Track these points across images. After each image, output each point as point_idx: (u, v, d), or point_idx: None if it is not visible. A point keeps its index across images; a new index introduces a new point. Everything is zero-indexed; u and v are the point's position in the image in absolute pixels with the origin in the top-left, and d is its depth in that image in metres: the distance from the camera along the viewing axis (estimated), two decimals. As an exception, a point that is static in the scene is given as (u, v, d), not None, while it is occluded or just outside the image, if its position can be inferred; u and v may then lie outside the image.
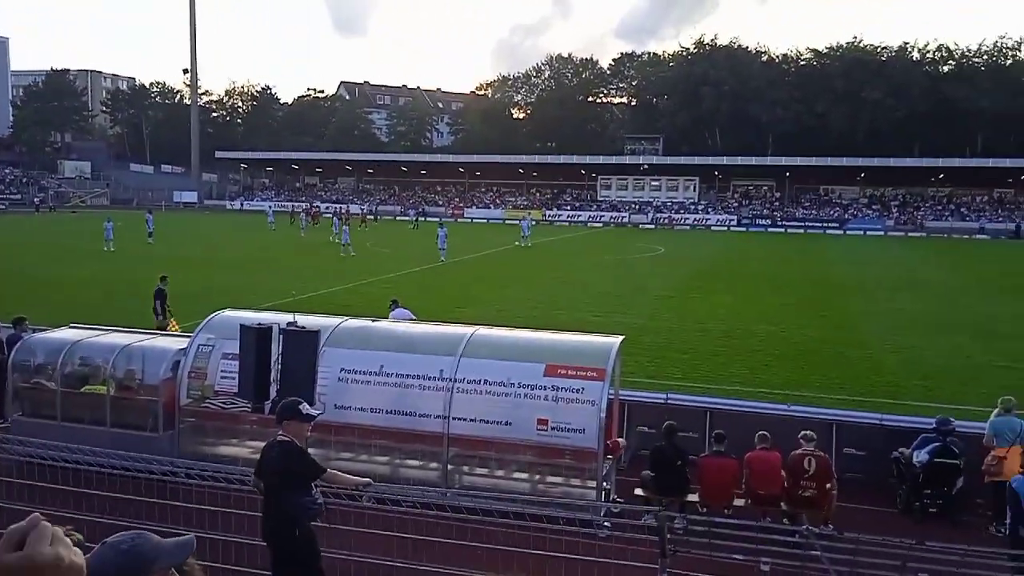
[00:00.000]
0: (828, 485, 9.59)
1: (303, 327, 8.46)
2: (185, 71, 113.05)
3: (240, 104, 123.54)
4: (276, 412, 6.81)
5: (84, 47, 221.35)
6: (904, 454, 10.73)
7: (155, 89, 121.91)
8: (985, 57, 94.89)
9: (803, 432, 9.90)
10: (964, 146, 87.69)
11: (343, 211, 65.53)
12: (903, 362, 18.81)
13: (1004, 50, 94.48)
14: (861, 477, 11.23)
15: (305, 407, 6.70)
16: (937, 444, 10.39)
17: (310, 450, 9.46)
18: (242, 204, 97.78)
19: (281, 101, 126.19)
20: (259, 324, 8.42)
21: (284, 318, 9.28)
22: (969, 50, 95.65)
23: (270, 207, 77.33)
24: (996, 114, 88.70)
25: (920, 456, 10.42)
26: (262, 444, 7.03)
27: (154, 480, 8.57)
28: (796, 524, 9.54)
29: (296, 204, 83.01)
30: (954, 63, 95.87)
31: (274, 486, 6.50)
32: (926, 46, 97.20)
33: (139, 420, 11.10)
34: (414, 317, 15.92)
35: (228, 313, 11.70)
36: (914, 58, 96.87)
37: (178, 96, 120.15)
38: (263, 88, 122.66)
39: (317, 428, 9.34)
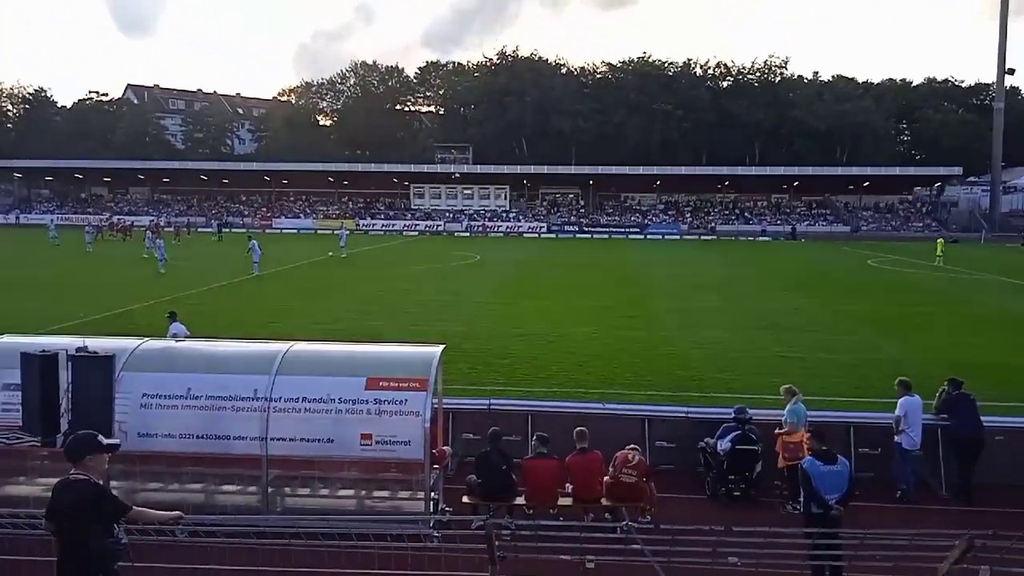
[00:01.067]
0: (646, 479, 10.08)
1: (95, 352, 7.70)
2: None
3: (11, 107, 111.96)
4: (68, 448, 6.11)
5: None
6: (709, 443, 11.48)
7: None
8: (758, 74, 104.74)
9: (631, 444, 10.45)
10: (745, 154, 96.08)
11: (155, 224, 61.26)
12: (705, 357, 20.17)
13: (773, 68, 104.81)
14: (672, 468, 11.91)
15: (102, 438, 6.12)
16: (737, 432, 11.21)
17: (113, 483, 8.69)
18: (18, 217, 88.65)
19: (59, 105, 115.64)
20: (43, 351, 7.58)
21: (73, 343, 8.44)
22: (744, 67, 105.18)
23: (52, 220, 70.64)
24: (770, 125, 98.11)
25: (723, 444, 11.19)
26: (55, 480, 6.33)
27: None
28: (617, 518, 9.96)
29: (98, 217, 75.92)
30: (732, 79, 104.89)
31: (73, 529, 5.87)
32: (707, 63, 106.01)
33: (-98, 464, 9.70)
34: (188, 333, 15.26)
35: (6, 339, 10.49)
36: (697, 73, 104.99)
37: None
38: (37, 90, 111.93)
39: (120, 459, 8.58)
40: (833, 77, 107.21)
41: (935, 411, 11.82)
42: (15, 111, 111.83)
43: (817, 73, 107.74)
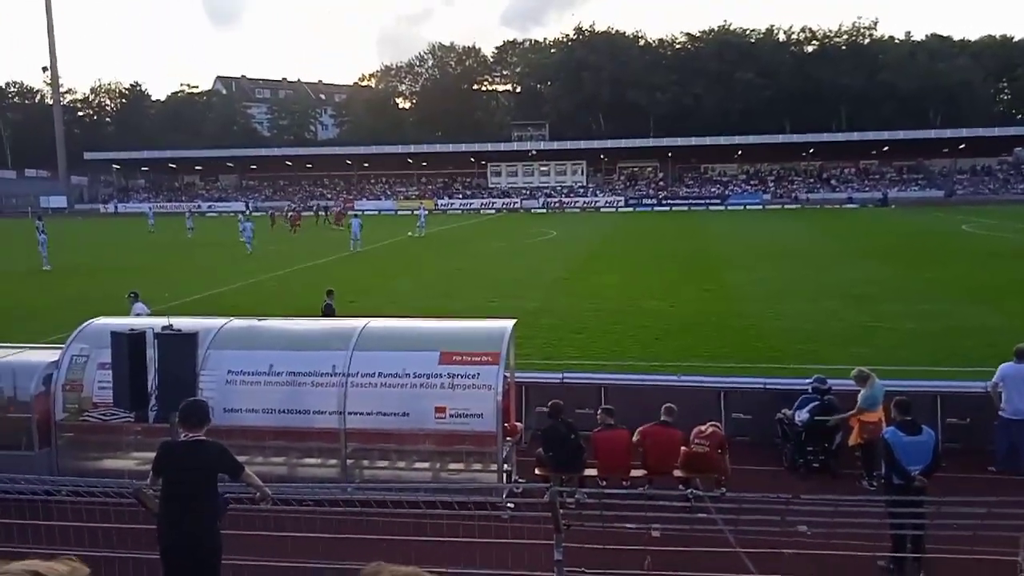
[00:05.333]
0: (720, 450, 9.96)
1: (179, 330, 8.10)
2: (45, 69, 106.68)
3: (108, 102, 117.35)
4: (193, 412, 6.53)
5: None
6: (787, 415, 11.26)
7: (12, 89, 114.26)
8: (845, 37, 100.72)
9: (711, 421, 10.45)
10: (830, 121, 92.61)
11: (338, 207, 64.48)
12: (783, 328, 19.70)
13: (861, 30, 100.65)
14: (749, 439, 11.75)
15: None
16: (816, 403, 10.95)
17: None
18: (116, 207, 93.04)
19: (153, 98, 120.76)
20: (131, 330, 8.01)
21: (160, 323, 8.87)
22: (830, 31, 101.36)
23: (150, 208, 73.84)
24: (858, 90, 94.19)
25: (801, 415, 10.96)
26: (148, 455, 6.74)
27: (37, 501, 8.04)
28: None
29: (243, 204, 78.80)
30: (817, 43, 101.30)
31: (202, 486, 6.36)
32: (791, 28, 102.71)
33: (11, 439, 10.42)
34: (149, 312, 15.75)
35: (101, 321, 11.11)
36: (780, 40, 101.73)
37: (39, 96, 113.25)
38: (132, 85, 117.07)
39: (208, 434, 9.01)
40: (927, 36, 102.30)
41: None
42: (113, 105, 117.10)
43: (909, 33, 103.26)
